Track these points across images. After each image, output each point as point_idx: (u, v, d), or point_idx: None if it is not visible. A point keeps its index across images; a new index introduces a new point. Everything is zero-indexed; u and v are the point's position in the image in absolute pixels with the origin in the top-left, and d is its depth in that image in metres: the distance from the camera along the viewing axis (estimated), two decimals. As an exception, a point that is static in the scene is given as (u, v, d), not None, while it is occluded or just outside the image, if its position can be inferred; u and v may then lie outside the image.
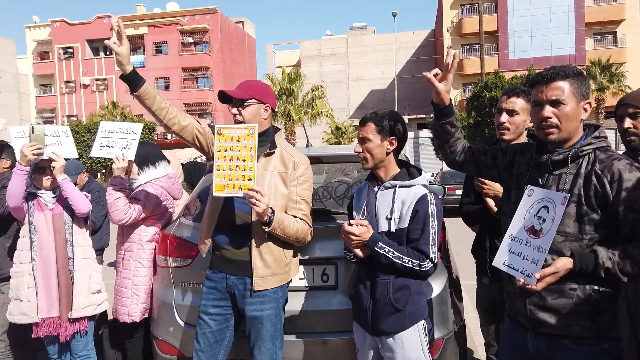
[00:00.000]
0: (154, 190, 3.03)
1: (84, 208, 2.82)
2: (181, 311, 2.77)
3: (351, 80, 43.44)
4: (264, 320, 2.29)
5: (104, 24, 40.91)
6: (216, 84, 40.11)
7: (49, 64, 42.32)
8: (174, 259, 2.85)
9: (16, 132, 2.89)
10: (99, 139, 2.87)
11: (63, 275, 2.79)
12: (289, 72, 28.68)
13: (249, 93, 2.37)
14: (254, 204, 2.11)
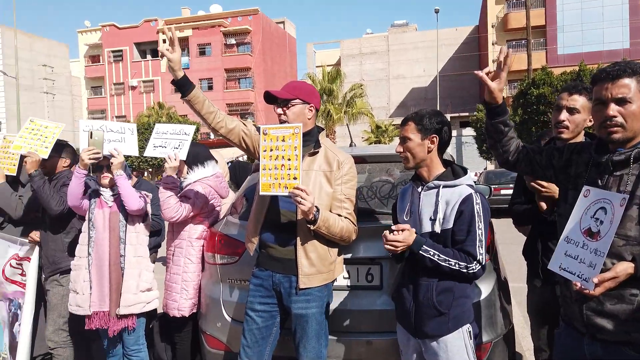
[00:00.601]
0: (203, 189, 3.11)
1: (134, 205, 2.87)
2: (228, 307, 2.84)
3: (392, 78, 43.04)
4: (310, 318, 2.31)
5: (150, 27, 42.34)
6: (257, 84, 40.70)
7: (99, 66, 44.15)
8: (222, 256, 2.93)
9: (84, 126, 2.94)
10: (153, 140, 2.97)
11: (114, 272, 2.90)
12: (329, 71, 28.75)
13: (293, 93, 2.40)
14: (300, 203, 2.13)
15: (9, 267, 3.43)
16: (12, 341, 3.53)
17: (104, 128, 2.96)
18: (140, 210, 2.94)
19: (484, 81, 1.87)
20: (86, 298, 2.91)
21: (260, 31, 40.99)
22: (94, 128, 2.92)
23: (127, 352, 3.00)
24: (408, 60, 42.29)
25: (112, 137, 2.96)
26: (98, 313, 2.89)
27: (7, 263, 3.43)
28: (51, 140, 3.14)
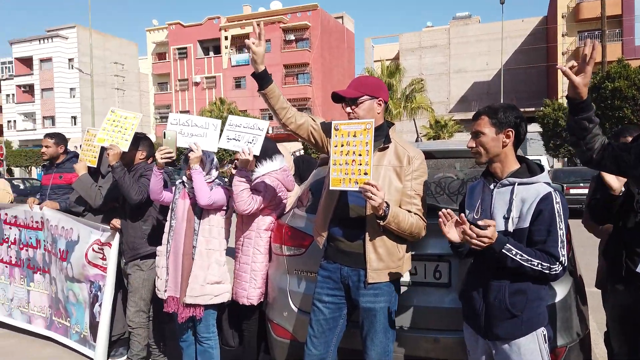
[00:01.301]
0: (271, 182, 3.19)
1: (202, 200, 2.94)
2: (295, 297, 2.90)
3: (452, 72, 41.88)
4: (377, 312, 2.32)
5: (213, 24, 43.65)
6: (315, 80, 40.94)
7: (165, 63, 46.09)
8: (289, 247, 3.00)
9: (172, 119, 3.08)
10: (226, 132, 2.99)
11: (186, 261, 3.03)
12: (388, 65, 28.40)
13: (360, 90, 2.40)
14: (370, 198, 2.13)
15: (91, 251, 3.69)
16: (92, 320, 3.80)
17: (190, 122, 3.04)
18: (209, 205, 2.99)
19: (568, 76, 1.79)
20: (163, 283, 3.10)
21: (319, 26, 41.17)
22: (181, 122, 3.03)
23: (199, 339, 3.13)
24: (470, 53, 40.96)
25: (195, 131, 3.04)
26: (173, 298, 3.04)
27: (90, 247, 3.69)
28: (130, 132, 3.30)
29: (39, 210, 4.08)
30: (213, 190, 3.03)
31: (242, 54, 42.80)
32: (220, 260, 3.09)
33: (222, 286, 3.08)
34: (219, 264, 3.08)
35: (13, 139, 45.73)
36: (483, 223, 1.89)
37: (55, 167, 4.24)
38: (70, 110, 45.43)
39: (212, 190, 3.04)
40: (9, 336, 4.50)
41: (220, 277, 3.07)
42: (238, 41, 43.17)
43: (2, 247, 4.46)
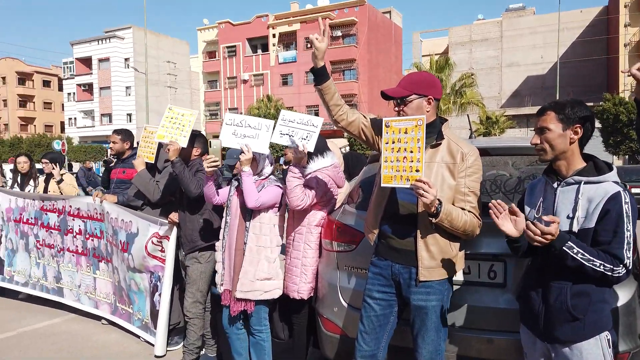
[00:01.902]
0: (323, 178, 3.22)
1: (249, 203, 3.00)
2: (345, 293, 2.93)
3: (504, 66, 40.52)
4: (429, 310, 2.30)
5: (261, 22, 44.24)
6: (362, 76, 40.71)
7: (215, 62, 47.20)
8: (339, 243, 3.02)
9: (228, 119, 3.13)
10: (279, 127, 2.99)
11: (238, 257, 3.11)
12: (437, 60, 27.83)
13: (408, 89, 2.37)
14: (422, 195, 2.11)
15: (150, 243, 3.86)
16: (152, 309, 3.98)
17: (243, 123, 3.08)
18: (256, 207, 3.03)
19: (637, 78, 1.71)
20: (220, 277, 3.21)
21: (366, 22, 40.87)
22: (236, 122, 3.08)
23: (252, 331, 3.21)
24: (524, 46, 39.46)
25: (247, 132, 3.08)
26: (228, 291, 3.15)
27: (149, 240, 3.86)
28: (188, 129, 3.42)
29: (99, 203, 4.31)
30: (262, 191, 3.07)
31: (289, 51, 43.18)
32: (270, 257, 3.12)
33: (272, 282, 3.12)
34: (269, 260, 3.12)
35: (73, 135, 48.28)
36: (548, 219, 1.81)
37: (120, 162, 4.47)
38: (126, 107, 47.44)
39: (263, 188, 3.10)
40: (77, 321, 4.79)
41: (269, 274, 3.10)
42: (285, 38, 43.58)
43: (68, 237, 4.75)
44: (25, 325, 4.72)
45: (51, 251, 4.94)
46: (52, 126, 59.84)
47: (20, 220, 5.24)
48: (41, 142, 41.40)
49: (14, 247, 5.38)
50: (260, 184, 3.16)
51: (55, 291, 5.00)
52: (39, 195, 5.15)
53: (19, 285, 5.36)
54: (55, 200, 4.87)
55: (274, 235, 3.16)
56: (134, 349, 4.07)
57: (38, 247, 5.08)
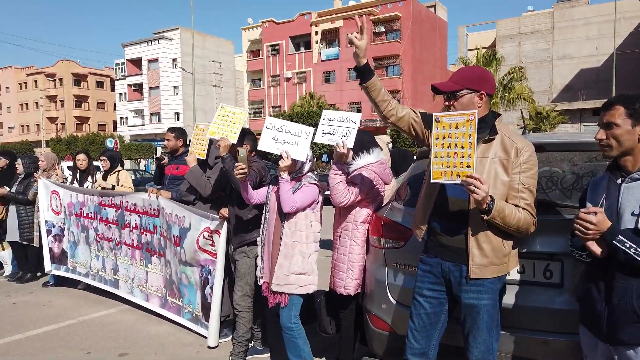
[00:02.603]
0: (368, 174, 3.22)
1: (285, 209, 3.04)
2: (393, 290, 2.92)
3: (555, 59, 38.89)
4: (481, 309, 2.26)
5: (304, 20, 44.47)
6: (405, 71, 40.18)
7: (259, 60, 47.89)
8: (387, 240, 3.01)
9: (268, 123, 3.17)
10: (321, 127, 3.04)
11: (275, 251, 3.16)
12: (484, 53, 27.05)
13: (460, 83, 2.33)
14: (473, 192, 2.08)
15: (202, 238, 3.98)
16: (203, 302, 4.11)
17: (284, 128, 3.11)
18: (291, 212, 3.07)
19: None
20: (259, 270, 3.28)
21: (410, 17, 40.28)
22: (276, 127, 3.12)
23: (282, 328, 3.20)
24: (577, 38, 37.74)
25: (287, 138, 3.10)
26: (266, 284, 3.21)
27: (201, 234, 3.98)
28: (238, 126, 3.50)
29: (155, 198, 4.49)
30: (297, 193, 3.08)
31: (332, 48, 43.20)
32: (304, 252, 3.13)
33: (307, 277, 3.13)
34: (303, 255, 3.13)
35: (125, 133, 50.29)
36: (586, 210, 1.80)
37: (174, 159, 4.64)
38: (173, 106, 48.93)
39: (300, 186, 3.11)
40: (131, 312, 5.01)
41: (304, 269, 3.11)
42: (328, 36, 43.61)
43: (125, 231, 4.97)
44: (84, 314, 4.98)
45: (109, 244, 5.19)
46: (105, 125, 62.56)
47: (80, 215, 5.54)
48: (95, 141, 43.41)
49: (75, 239, 5.69)
50: (298, 182, 3.17)
51: (112, 282, 5.25)
52: (97, 191, 5.41)
53: (81, 275, 5.67)
54: (113, 195, 5.11)
55: (310, 231, 3.17)
56: (186, 339, 4.22)
57: (97, 240, 5.35)
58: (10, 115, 64.73)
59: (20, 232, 6.09)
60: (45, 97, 59.05)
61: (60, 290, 5.94)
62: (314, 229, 3.19)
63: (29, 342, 4.21)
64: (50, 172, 6.19)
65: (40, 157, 6.39)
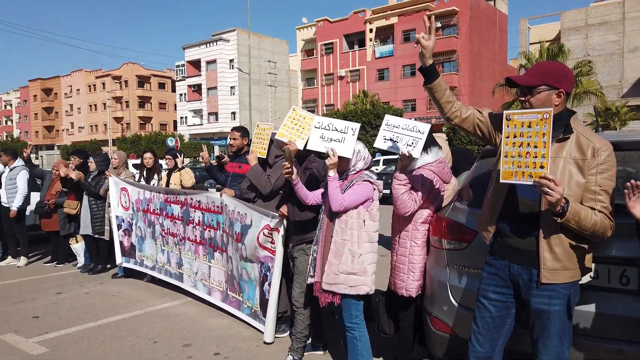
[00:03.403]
0: (427, 175, 3.16)
1: (333, 208, 3.02)
2: (455, 292, 2.86)
3: (627, 51, 36.44)
4: (552, 315, 2.17)
5: (359, 18, 44.29)
6: (462, 67, 39.11)
7: (312, 59, 48.24)
8: (449, 241, 2.96)
9: (317, 122, 3.21)
10: (383, 132, 2.99)
11: (326, 249, 3.16)
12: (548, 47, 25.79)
13: (539, 78, 2.23)
14: (547, 193, 2.00)
15: (262, 235, 4.08)
16: (262, 298, 4.20)
17: (331, 126, 3.13)
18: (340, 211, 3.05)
19: None
20: (312, 268, 3.29)
21: (467, 11, 39.13)
22: (324, 125, 3.14)
23: (344, 327, 3.21)
24: (651, 28, 35.22)
25: (334, 136, 3.10)
26: (318, 283, 3.21)
27: (261, 232, 4.08)
28: (307, 132, 3.46)
29: (219, 196, 4.64)
30: (347, 192, 3.05)
31: (386, 46, 42.77)
32: (354, 252, 3.07)
33: (357, 278, 3.07)
34: (353, 255, 3.07)
35: (184, 132, 52.25)
36: None
37: (237, 158, 4.78)
38: (230, 106, 50.27)
39: (351, 185, 3.07)
40: (193, 304, 5.21)
41: (353, 269, 3.06)
42: (382, 33, 43.21)
43: (189, 227, 5.18)
44: (150, 305, 5.24)
45: (174, 239, 5.42)
46: (166, 124, 65.27)
47: (147, 211, 5.82)
48: (157, 139, 45.41)
49: (142, 234, 5.99)
50: (350, 181, 3.13)
51: (176, 276, 5.48)
52: (164, 188, 5.66)
53: (148, 268, 5.97)
54: (178, 193, 5.34)
55: (362, 230, 3.10)
56: (245, 333, 4.33)
57: (163, 235, 5.60)
58: (81, 115, 68.95)
59: (92, 226, 6.48)
60: (111, 99, 62.44)
61: (128, 281, 6.28)
62: (368, 228, 3.12)
63: (100, 330, 4.48)
64: (120, 170, 6.55)
65: (112, 155, 6.77)
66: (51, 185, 7.24)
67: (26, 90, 76.06)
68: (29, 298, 5.53)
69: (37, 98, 73.58)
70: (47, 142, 73.29)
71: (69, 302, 5.36)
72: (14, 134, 77.34)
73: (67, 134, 70.78)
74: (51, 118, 73.82)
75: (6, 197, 7.06)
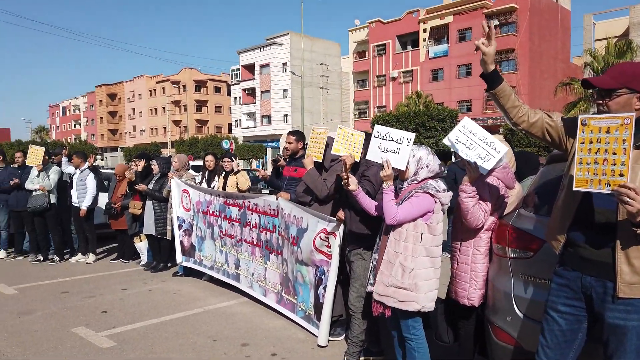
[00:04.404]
0: (491, 181, 3.07)
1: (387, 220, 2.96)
2: (520, 302, 2.75)
3: None
4: (629, 331, 2.04)
5: (412, 18, 43.69)
6: (521, 66, 37.66)
7: (365, 61, 48.05)
8: (513, 249, 2.85)
9: (375, 132, 3.17)
10: (457, 132, 2.87)
11: (380, 258, 3.11)
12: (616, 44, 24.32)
13: (619, 81, 2.09)
14: (627, 203, 1.88)
15: (318, 239, 4.10)
16: (316, 301, 4.23)
17: (387, 136, 3.08)
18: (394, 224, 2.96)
19: None
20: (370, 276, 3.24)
21: (527, 8, 37.61)
22: (381, 135, 3.11)
23: (403, 336, 3.16)
24: None
25: (390, 146, 3.04)
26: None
27: (317, 235, 4.10)
28: (359, 146, 3.58)
29: (274, 199, 4.72)
30: (404, 205, 2.94)
31: (441, 45, 41.91)
32: (406, 266, 2.95)
33: (407, 293, 2.94)
34: (404, 269, 2.94)
35: (238, 135, 53.52)
36: None
37: (292, 161, 4.84)
38: (283, 109, 50.99)
39: (411, 195, 2.97)
40: (249, 304, 5.33)
41: (403, 283, 2.94)
42: (437, 33, 42.38)
43: (246, 229, 5.30)
44: (209, 303, 5.40)
45: (232, 241, 5.57)
46: (221, 127, 67.18)
47: (207, 212, 6.01)
48: (213, 142, 46.82)
49: (202, 235, 6.20)
50: (409, 191, 3.01)
51: (234, 276, 5.62)
52: (223, 192, 5.83)
53: (206, 268, 6.17)
54: (236, 196, 5.48)
55: (418, 244, 2.96)
56: (300, 335, 4.38)
57: (221, 236, 5.77)
58: (142, 119, 72.32)
59: (155, 226, 6.78)
60: (170, 103, 65.05)
61: (189, 280, 6.51)
62: (426, 242, 2.97)
63: (163, 327, 4.67)
64: (181, 172, 6.81)
65: (173, 159, 7.05)
66: (116, 188, 7.65)
67: (93, 95, 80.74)
68: (98, 293, 5.86)
69: (102, 103, 77.93)
70: (112, 144, 77.46)
71: (134, 298, 5.63)
72: (82, 137, 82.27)
73: (129, 136, 74.48)
74: (115, 121, 77.94)
75: (77, 197, 7.51)
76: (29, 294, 5.84)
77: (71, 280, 6.56)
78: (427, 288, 2.97)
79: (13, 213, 7.80)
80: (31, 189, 7.38)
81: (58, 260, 7.63)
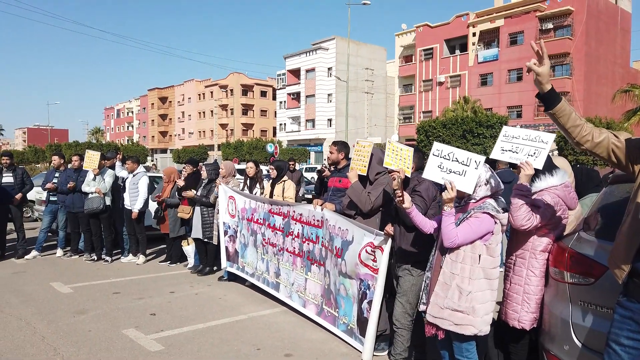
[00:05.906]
0: (551, 198, 2.94)
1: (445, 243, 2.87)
2: (579, 331, 2.61)
3: None
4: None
5: (461, 22, 42.81)
6: (577, 71, 36.11)
7: (411, 65, 47.48)
8: (572, 274, 2.71)
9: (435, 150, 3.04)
10: (500, 143, 2.91)
11: (434, 278, 3.01)
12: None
13: None
14: None
15: (364, 252, 4.04)
16: (359, 315, 4.17)
17: (451, 156, 2.95)
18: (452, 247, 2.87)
19: None
20: (422, 294, 3.16)
21: (584, 10, 36.04)
22: (443, 154, 2.98)
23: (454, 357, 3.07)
24: None
25: (454, 167, 2.91)
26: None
27: (363, 249, 4.05)
28: (409, 161, 3.45)
29: (320, 210, 4.70)
30: (463, 225, 2.84)
31: (490, 49, 40.83)
32: (463, 289, 2.84)
33: (463, 316, 2.83)
34: (461, 291, 2.84)
35: (282, 139, 54.13)
36: None
37: (337, 172, 4.82)
38: (327, 113, 51.18)
39: (469, 216, 2.86)
40: (290, 314, 5.33)
41: (459, 306, 2.84)
42: (486, 36, 41.33)
43: (288, 238, 5.30)
44: (253, 310, 5.45)
45: (274, 249, 5.59)
46: (266, 131, 68.23)
47: (251, 220, 6.08)
48: (257, 145, 47.59)
49: (245, 242, 6.27)
50: (467, 211, 2.90)
51: (274, 285, 5.64)
52: (268, 199, 5.88)
53: (248, 275, 6.23)
54: (281, 205, 5.51)
55: (476, 266, 2.85)
56: (342, 349, 4.32)
57: (264, 244, 5.81)
58: (191, 122, 74.53)
59: (202, 231, 6.93)
60: (218, 106, 66.68)
61: (233, 285, 6.60)
62: (484, 264, 2.86)
63: (209, 332, 4.74)
64: (228, 179, 6.93)
65: (220, 165, 7.19)
66: (163, 190, 7.89)
67: (145, 98, 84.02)
68: (147, 295, 6.04)
69: (154, 106, 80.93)
70: (161, 146, 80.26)
71: (181, 302, 5.76)
72: (134, 139, 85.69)
73: (178, 138, 76.92)
74: (165, 124, 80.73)
75: (129, 200, 7.80)
76: (83, 293, 6.10)
77: (122, 281, 6.80)
78: (484, 311, 2.86)
79: (69, 214, 8.19)
80: (87, 192, 7.73)
81: (110, 261, 7.94)
